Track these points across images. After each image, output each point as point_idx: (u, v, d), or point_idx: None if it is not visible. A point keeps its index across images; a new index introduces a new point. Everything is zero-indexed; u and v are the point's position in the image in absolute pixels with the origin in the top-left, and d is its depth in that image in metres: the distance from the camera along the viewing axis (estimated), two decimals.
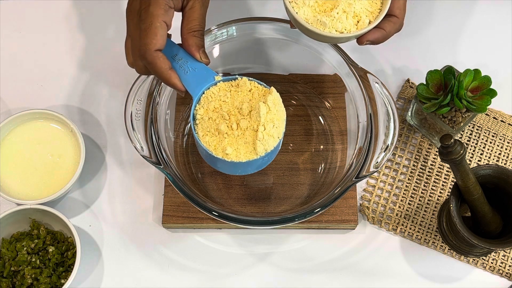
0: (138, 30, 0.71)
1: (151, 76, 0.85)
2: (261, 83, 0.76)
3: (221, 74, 0.76)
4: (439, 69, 0.90)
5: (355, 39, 0.76)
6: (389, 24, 0.75)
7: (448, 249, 0.91)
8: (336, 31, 0.74)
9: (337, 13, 0.73)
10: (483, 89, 0.88)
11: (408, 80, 1.01)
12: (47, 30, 1.04)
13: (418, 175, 0.95)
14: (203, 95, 0.75)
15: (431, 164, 0.95)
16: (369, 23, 0.74)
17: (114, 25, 1.04)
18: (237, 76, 0.76)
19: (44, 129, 0.93)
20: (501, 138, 0.97)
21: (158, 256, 0.91)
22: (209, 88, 0.75)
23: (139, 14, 0.71)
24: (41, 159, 0.91)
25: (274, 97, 0.74)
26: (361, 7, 0.74)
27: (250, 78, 0.76)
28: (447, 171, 0.95)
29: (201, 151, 0.76)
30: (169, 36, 0.75)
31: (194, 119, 0.75)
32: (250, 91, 0.75)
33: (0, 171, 0.90)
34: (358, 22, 0.74)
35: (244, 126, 0.73)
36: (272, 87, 0.75)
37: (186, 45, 0.74)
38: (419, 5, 1.06)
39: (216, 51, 0.91)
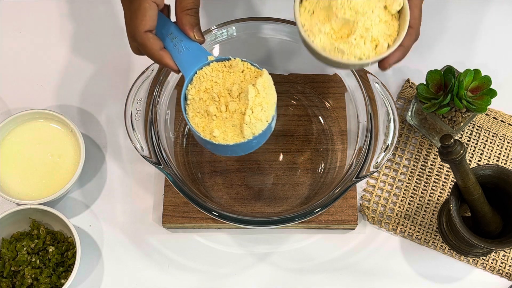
0: (129, 12, 0.71)
1: (151, 76, 0.85)
2: (254, 64, 0.75)
3: (214, 56, 0.75)
4: (439, 69, 0.90)
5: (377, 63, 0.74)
6: (407, 38, 0.73)
7: (448, 249, 0.91)
8: (354, 57, 0.71)
9: (355, 39, 0.71)
10: (483, 89, 0.88)
11: (408, 80, 1.01)
12: (47, 30, 1.04)
13: (418, 175, 0.95)
14: (196, 75, 0.74)
15: (431, 164, 0.95)
16: (388, 46, 0.72)
17: (114, 25, 1.04)
18: (230, 57, 0.75)
19: (44, 129, 0.93)
20: (501, 138, 0.97)
21: (158, 256, 0.91)
22: (202, 68, 0.74)
23: None
24: (41, 159, 0.91)
25: (264, 79, 0.73)
26: (378, 30, 0.72)
27: (244, 59, 0.75)
28: (447, 171, 0.95)
29: (193, 132, 0.75)
30: (165, 14, 0.75)
31: (185, 99, 0.74)
32: (242, 72, 0.75)
33: (0, 171, 0.90)
34: (376, 46, 0.72)
35: (232, 109, 0.72)
36: (264, 69, 0.74)
37: (180, 24, 0.73)
38: None
39: (216, 51, 0.91)
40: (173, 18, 0.75)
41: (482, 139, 0.97)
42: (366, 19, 0.71)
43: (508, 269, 0.90)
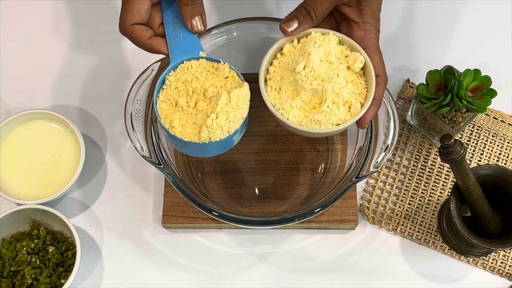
0: (122, 5, 0.72)
1: (151, 76, 0.85)
2: (240, 75, 0.75)
3: (206, 53, 0.76)
4: (439, 69, 0.90)
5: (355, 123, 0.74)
6: (377, 89, 0.73)
7: (448, 249, 0.91)
8: (332, 125, 0.72)
9: (328, 106, 0.72)
10: (483, 89, 0.88)
11: (408, 80, 1.01)
12: (47, 30, 1.04)
13: (418, 175, 0.95)
14: (182, 64, 0.75)
15: (431, 164, 0.95)
16: (361, 105, 0.73)
17: (114, 25, 1.04)
18: (221, 60, 0.75)
19: (44, 129, 0.93)
20: (501, 138, 0.97)
21: (158, 256, 0.91)
22: (190, 60, 0.75)
23: None
24: (41, 159, 0.91)
25: (241, 92, 0.73)
26: (348, 92, 0.73)
27: (232, 67, 0.75)
28: (447, 171, 0.95)
29: (156, 115, 0.76)
30: None
31: (163, 83, 0.75)
32: (226, 78, 0.75)
33: (0, 171, 0.90)
34: (350, 108, 0.73)
35: (200, 108, 0.72)
36: (245, 83, 0.74)
37: (181, 15, 0.74)
38: (419, 5, 1.06)
39: (216, 51, 0.91)
40: None
41: (482, 139, 0.97)
42: (334, 84, 0.72)
43: (508, 269, 0.90)
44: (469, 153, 0.96)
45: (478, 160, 0.96)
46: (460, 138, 0.97)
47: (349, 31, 0.75)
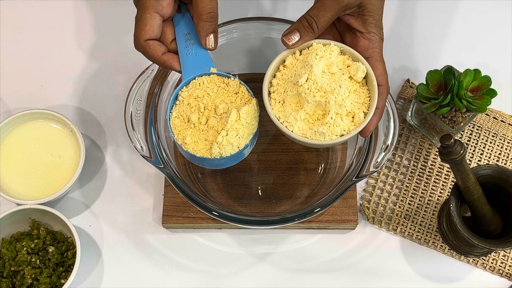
0: (135, 22, 0.73)
1: (151, 76, 0.85)
2: (249, 90, 0.77)
3: (217, 69, 0.77)
4: (439, 69, 0.90)
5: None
6: (380, 98, 0.74)
7: (448, 249, 0.91)
8: (336, 136, 0.73)
9: (331, 117, 0.72)
10: (483, 89, 0.88)
11: (408, 80, 1.01)
12: (47, 30, 1.04)
13: (418, 175, 0.95)
14: (194, 80, 0.76)
15: (431, 164, 0.95)
16: (364, 114, 0.73)
17: (114, 25, 1.04)
18: (231, 75, 0.77)
19: (44, 129, 0.93)
20: (501, 138, 0.97)
21: (158, 256, 0.91)
22: (201, 76, 0.76)
23: (137, 7, 0.74)
24: (41, 159, 0.91)
25: (250, 108, 0.75)
26: (351, 102, 0.73)
27: (242, 83, 0.77)
28: (447, 171, 0.95)
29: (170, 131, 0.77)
30: (191, 13, 0.76)
31: (176, 99, 0.76)
32: (236, 93, 0.77)
33: (0, 171, 0.90)
34: (353, 118, 0.73)
35: (211, 124, 0.75)
36: (254, 99, 0.76)
37: (196, 30, 0.75)
38: (419, 5, 1.06)
39: (216, 51, 0.91)
40: None
41: (482, 139, 0.97)
42: (337, 96, 0.72)
43: (508, 269, 0.90)
44: (469, 153, 0.96)
45: (478, 160, 0.96)
46: (460, 138, 0.97)
47: (353, 41, 0.76)
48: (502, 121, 0.98)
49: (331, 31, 0.78)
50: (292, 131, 0.74)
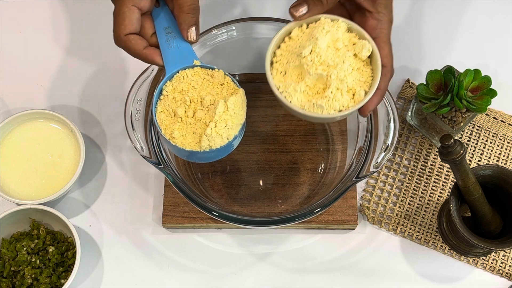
0: (114, 17, 0.73)
1: (151, 76, 0.85)
2: (235, 81, 0.76)
3: (200, 61, 0.76)
4: (439, 69, 0.90)
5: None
6: (382, 79, 0.73)
7: (448, 249, 0.91)
8: (334, 110, 0.72)
9: (331, 92, 0.71)
10: (483, 89, 0.88)
11: (408, 80, 1.01)
12: (47, 30, 1.04)
13: (418, 175, 0.95)
14: (177, 74, 0.75)
15: (431, 164, 0.95)
16: (365, 93, 0.73)
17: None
18: (214, 67, 0.76)
19: (44, 129, 0.93)
20: (501, 138, 0.97)
21: (158, 256, 0.91)
22: (185, 69, 0.75)
23: (114, 2, 0.74)
24: (41, 159, 0.91)
25: (237, 98, 0.74)
26: (353, 79, 0.72)
27: (227, 73, 0.76)
28: (447, 171, 0.95)
29: (156, 126, 0.76)
30: (170, 7, 0.76)
31: (160, 94, 0.75)
32: (221, 85, 0.76)
33: (0, 171, 0.90)
34: (353, 95, 0.73)
35: (198, 117, 0.73)
36: (241, 89, 0.75)
37: (177, 23, 0.74)
38: (419, 5, 1.06)
39: (216, 51, 0.91)
40: None
41: (482, 139, 0.97)
42: (339, 71, 0.71)
43: (508, 269, 0.90)
44: (469, 153, 0.96)
45: (478, 160, 0.96)
46: (460, 138, 0.97)
47: (362, 20, 0.75)
48: (502, 121, 0.98)
49: (341, 11, 0.77)
50: (290, 101, 0.73)
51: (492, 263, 0.90)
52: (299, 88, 0.72)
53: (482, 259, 0.91)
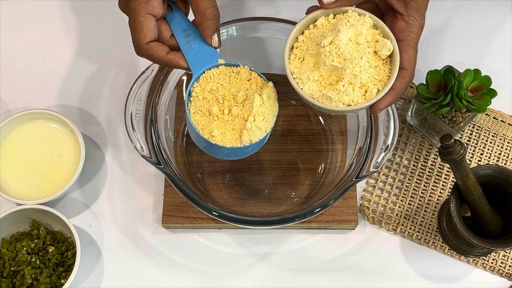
0: (130, 27, 0.73)
1: (151, 76, 0.85)
2: (261, 75, 0.76)
3: (224, 60, 0.76)
4: (439, 69, 0.90)
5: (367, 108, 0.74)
6: (399, 81, 0.72)
7: (448, 249, 0.91)
8: (343, 104, 0.72)
9: (343, 85, 0.71)
10: (483, 89, 0.88)
11: None
12: (47, 30, 1.04)
13: (418, 175, 0.95)
14: (203, 74, 0.75)
15: (431, 164, 0.95)
16: (378, 91, 0.72)
17: (114, 25, 1.04)
18: (239, 64, 0.76)
19: (44, 129, 0.93)
20: (501, 138, 0.97)
21: (158, 256, 0.91)
22: (210, 69, 0.76)
23: (127, 12, 0.73)
24: (41, 159, 0.91)
25: (270, 91, 0.75)
26: (368, 76, 0.72)
27: (252, 68, 0.76)
28: (447, 171, 0.95)
29: (190, 129, 0.76)
30: (182, 9, 0.76)
31: (189, 95, 0.75)
32: (248, 80, 0.76)
33: (0, 171, 0.90)
34: (366, 92, 0.72)
35: (235, 113, 0.74)
36: (270, 82, 0.76)
37: (200, 29, 0.74)
38: None
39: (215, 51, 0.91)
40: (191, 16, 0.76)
41: (482, 139, 0.97)
42: (355, 66, 0.71)
43: (508, 269, 0.90)
44: (469, 153, 0.96)
45: (478, 160, 0.96)
46: (460, 138, 0.97)
47: (392, 21, 0.74)
48: (502, 121, 0.98)
49: (373, 7, 0.77)
50: (301, 88, 0.73)
51: (492, 263, 0.90)
52: (312, 77, 0.72)
53: (482, 259, 0.91)
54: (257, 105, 0.73)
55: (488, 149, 0.96)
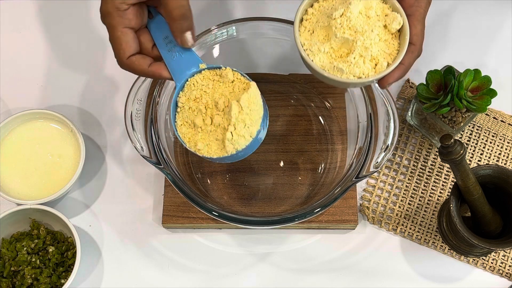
0: (111, 43, 0.72)
1: None
2: (244, 75, 0.75)
3: (206, 63, 0.75)
4: (439, 69, 0.90)
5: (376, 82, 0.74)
6: (408, 56, 0.72)
7: (448, 249, 0.91)
8: (354, 76, 0.72)
9: (354, 57, 0.71)
10: (483, 89, 0.88)
11: (408, 80, 1.01)
12: (47, 30, 1.04)
13: (418, 175, 0.95)
14: (187, 82, 0.74)
15: (431, 164, 0.95)
16: (388, 65, 0.72)
17: None
18: (221, 65, 0.75)
19: (44, 129, 0.93)
20: (501, 138, 0.97)
21: (158, 256, 0.91)
22: (193, 76, 0.74)
23: (105, 26, 0.72)
24: (41, 159, 0.91)
25: (250, 94, 0.72)
26: (378, 49, 0.72)
27: (234, 69, 0.75)
28: (447, 171, 0.95)
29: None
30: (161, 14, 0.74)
31: (176, 106, 0.75)
32: (232, 82, 0.75)
33: (0, 171, 0.90)
34: (376, 65, 0.72)
35: (217, 122, 0.73)
36: (252, 82, 0.74)
37: (171, 31, 0.73)
38: None
39: (216, 51, 0.91)
40: None
41: (482, 139, 0.97)
42: (366, 38, 0.71)
43: (508, 269, 0.90)
44: (469, 153, 0.96)
45: (478, 160, 0.96)
46: (460, 138, 0.97)
47: None
48: (502, 121, 0.98)
49: None
50: (312, 60, 0.72)
51: (492, 263, 0.90)
52: (323, 49, 0.72)
53: (482, 259, 0.91)
54: (236, 113, 0.71)
55: (488, 149, 0.96)
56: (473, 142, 0.97)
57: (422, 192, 0.94)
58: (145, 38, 0.73)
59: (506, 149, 0.97)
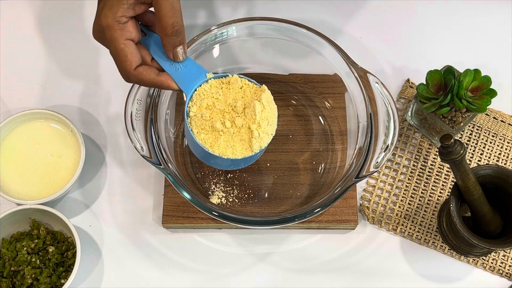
0: (113, 57, 0.72)
1: None
2: (252, 80, 0.77)
3: (212, 73, 0.76)
4: (439, 69, 0.90)
5: None
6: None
7: (448, 249, 0.91)
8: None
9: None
10: (483, 89, 0.88)
11: (408, 80, 1.01)
12: (47, 30, 1.04)
13: (418, 175, 0.95)
14: (195, 92, 0.76)
15: (431, 164, 0.95)
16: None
17: None
18: (227, 74, 0.77)
19: (44, 129, 0.93)
20: (501, 138, 0.97)
21: (158, 256, 0.91)
22: (200, 85, 0.76)
23: (104, 43, 0.72)
24: (41, 159, 0.91)
25: (267, 95, 0.75)
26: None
27: (241, 76, 0.77)
28: (447, 171, 0.95)
29: (195, 148, 0.77)
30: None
31: (188, 116, 0.76)
32: (241, 88, 0.77)
33: (0, 171, 0.90)
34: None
35: (239, 124, 0.75)
36: (263, 85, 0.76)
37: (162, 45, 0.73)
38: (419, 5, 1.06)
39: (216, 51, 0.91)
40: None
41: (482, 139, 0.97)
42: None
43: (508, 269, 0.90)
44: (469, 153, 0.96)
45: (478, 160, 0.96)
46: (460, 138, 0.97)
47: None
48: (502, 121, 0.98)
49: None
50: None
51: (492, 263, 0.90)
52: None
53: (482, 259, 0.91)
54: (259, 111, 0.74)
55: (488, 149, 0.96)
56: (473, 142, 0.97)
57: (422, 192, 0.94)
58: (143, 52, 0.74)
59: (506, 149, 0.97)
